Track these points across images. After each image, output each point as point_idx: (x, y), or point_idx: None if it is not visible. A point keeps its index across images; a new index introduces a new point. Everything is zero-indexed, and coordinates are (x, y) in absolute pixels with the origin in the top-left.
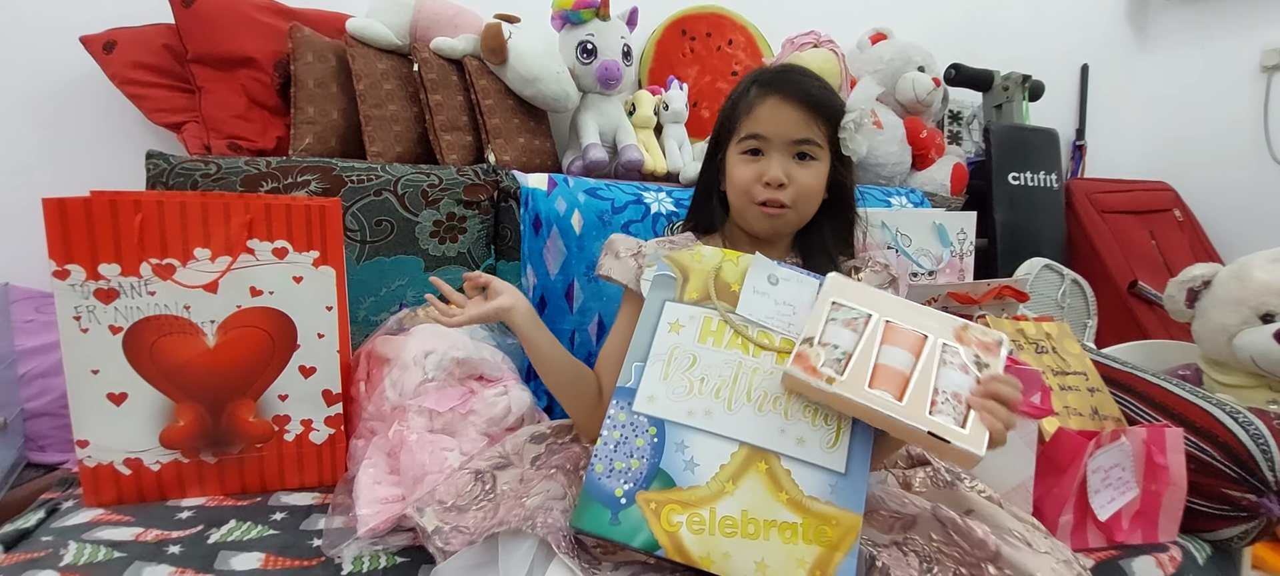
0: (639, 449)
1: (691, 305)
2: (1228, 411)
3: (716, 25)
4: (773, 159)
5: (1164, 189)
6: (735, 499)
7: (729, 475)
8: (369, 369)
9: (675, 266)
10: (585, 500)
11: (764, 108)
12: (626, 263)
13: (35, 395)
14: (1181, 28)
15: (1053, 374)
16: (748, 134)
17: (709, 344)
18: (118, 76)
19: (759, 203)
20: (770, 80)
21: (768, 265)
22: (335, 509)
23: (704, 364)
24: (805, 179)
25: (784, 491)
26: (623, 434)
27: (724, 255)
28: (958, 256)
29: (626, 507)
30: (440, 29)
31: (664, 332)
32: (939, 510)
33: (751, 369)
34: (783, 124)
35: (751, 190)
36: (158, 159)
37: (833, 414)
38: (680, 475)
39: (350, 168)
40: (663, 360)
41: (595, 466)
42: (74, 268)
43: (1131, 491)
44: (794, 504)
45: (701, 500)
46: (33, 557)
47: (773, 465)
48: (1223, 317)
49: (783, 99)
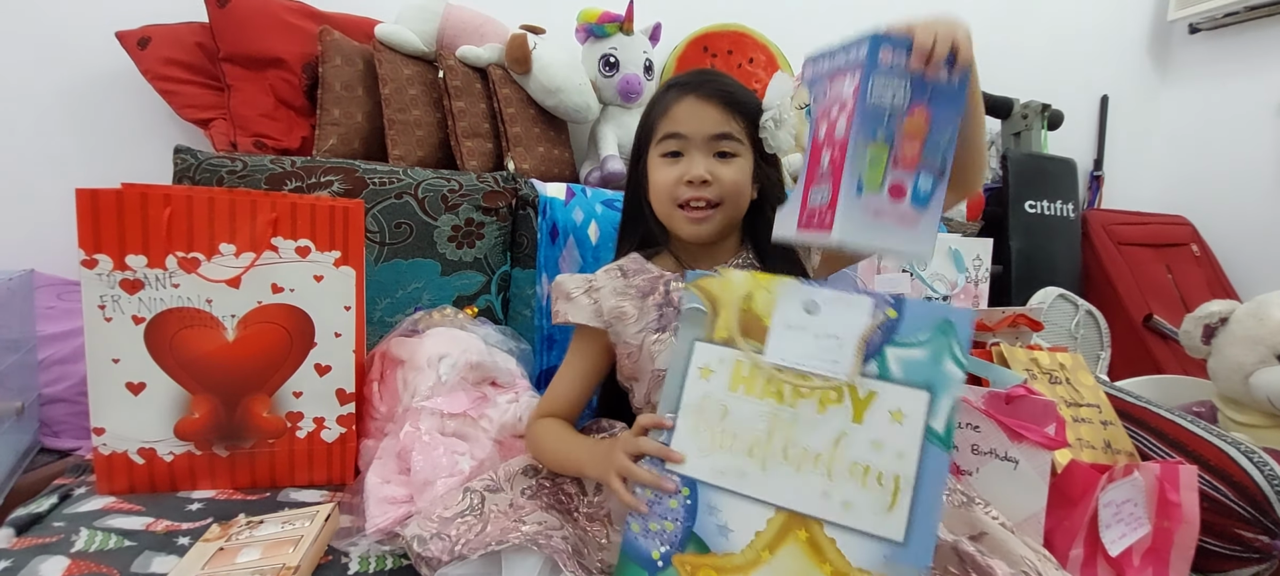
0: (672, 511)
1: (721, 346)
2: (1243, 450)
3: (738, 43)
4: (693, 157)
5: (1182, 223)
6: (772, 569)
7: (765, 543)
8: (382, 370)
9: (705, 297)
10: (623, 561)
11: (680, 107)
12: (580, 302)
13: (53, 381)
14: (1202, 63)
15: (1066, 405)
16: (666, 134)
17: (740, 392)
18: (150, 72)
19: (682, 204)
20: (685, 82)
21: (802, 291)
22: (344, 507)
23: (735, 416)
24: (728, 175)
25: (829, 563)
26: (655, 493)
27: (754, 281)
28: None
29: (663, 569)
30: (466, 37)
31: (694, 379)
32: (960, 544)
33: (789, 420)
34: (700, 121)
35: (674, 192)
36: (185, 154)
37: (888, 474)
38: (713, 540)
39: (372, 170)
40: (694, 411)
41: (631, 526)
42: (102, 257)
43: (1143, 527)
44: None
45: (737, 569)
46: (44, 542)
47: (814, 533)
48: (1239, 356)
49: (698, 97)
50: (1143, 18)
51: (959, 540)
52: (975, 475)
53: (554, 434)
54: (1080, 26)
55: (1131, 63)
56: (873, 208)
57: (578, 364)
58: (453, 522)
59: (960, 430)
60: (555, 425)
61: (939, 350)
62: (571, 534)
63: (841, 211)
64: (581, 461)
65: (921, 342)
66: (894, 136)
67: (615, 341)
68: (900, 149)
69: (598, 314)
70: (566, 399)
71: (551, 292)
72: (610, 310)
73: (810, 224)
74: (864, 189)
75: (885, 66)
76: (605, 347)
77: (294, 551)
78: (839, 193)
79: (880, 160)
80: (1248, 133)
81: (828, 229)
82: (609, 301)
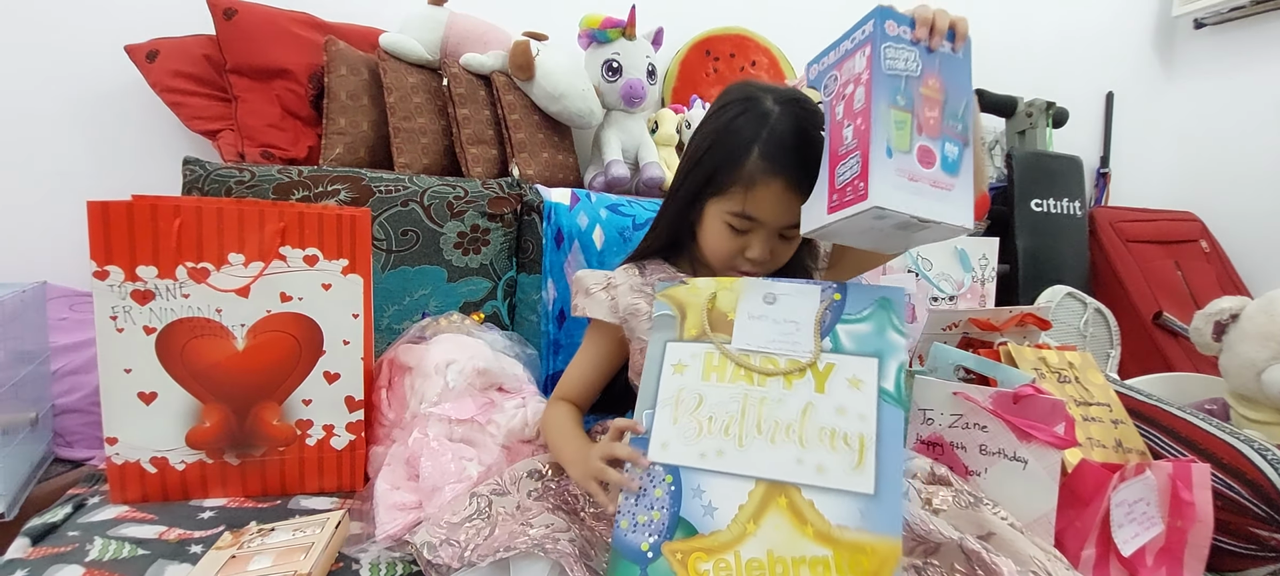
0: (658, 500)
1: (692, 343)
2: (1256, 448)
3: (740, 47)
4: (759, 238)
5: (1190, 219)
6: (758, 539)
7: (749, 515)
8: (390, 376)
9: (672, 304)
10: (615, 558)
11: (766, 193)
12: (598, 297)
13: (66, 392)
14: (1208, 57)
15: (1076, 404)
16: (739, 211)
17: (713, 380)
18: (158, 84)
19: (735, 268)
20: (777, 157)
21: (761, 286)
22: (354, 514)
23: (710, 402)
24: (785, 254)
25: (809, 524)
26: (642, 486)
27: (718, 284)
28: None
29: (654, 561)
30: (470, 45)
31: (669, 375)
32: (966, 542)
33: (758, 399)
34: (780, 213)
35: (731, 261)
36: (194, 165)
37: (853, 435)
38: (700, 521)
39: (378, 178)
40: (671, 404)
41: (620, 522)
42: (113, 269)
43: (1156, 527)
44: (822, 536)
45: (724, 545)
46: (59, 552)
47: (793, 498)
48: (1251, 352)
49: (786, 187)
50: (1147, 13)
51: (965, 537)
52: (984, 475)
53: (557, 426)
54: (1084, 23)
55: (1136, 59)
56: (906, 171)
57: (592, 354)
58: (461, 528)
59: (968, 430)
60: (561, 416)
61: (881, 322)
62: (578, 535)
63: (875, 175)
64: (569, 464)
65: (866, 317)
66: (914, 101)
67: (629, 337)
68: (921, 114)
69: (613, 310)
70: (579, 386)
71: (573, 286)
72: (625, 307)
73: (843, 200)
74: (893, 151)
75: (892, 36)
76: (619, 342)
77: (305, 558)
78: (869, 158)
79: (905, 124)
80: (1255, 127)
81: (864, 197)
82: (625, 299)
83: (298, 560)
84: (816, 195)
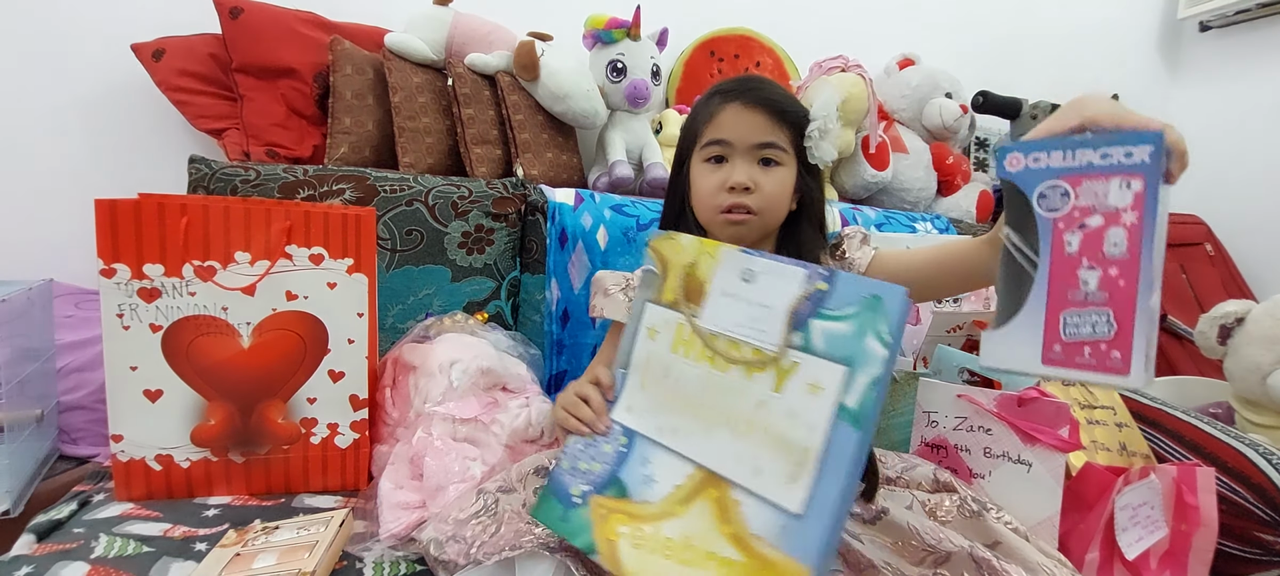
0: (605, 454)
1: (666, 309)
2: (1261, 452)
3: (745, 47)
4: (736, 164)
5: (1195, 222)
6: (681, 522)
7: (681, 497)
8: (395, 375)
9: (658, 259)
10: (545, 493)
11: (726, 114)
12: (617, 298)
13: (71, 389)
14: (1214, 60)
15: (1080, 407)
16: (710, 140)
17: (680, 354)
18: (165, 83)
19: (724, 210)
20: (732, 89)
21: (741, 259)
22: (358, 513)
23: (675, 376)
24: (770, 184)
25: (729, 524)
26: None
27: (702, 247)
28: None
29: (579, 507)
30: (475, 45)
31: (643, 338)
32: (976, 550)
33: (719, 385)
34: (746, 129)
35: (716, 198)
36: (200, 164)
37: (798, 446)
38: (636, 488)
39: (383, 177)
40: (641, 369)
41: (562, 462)
42: (120, 266)
43: (1160, 531)
44: (737, 540)
45: (648, 517)
46: (65, 548)
47: (723, 494)
48: (1256, 356)
49: (744, 105)
50: (1152, 16)
51: (974, 546)
52: (988, 478)
53: None
54: (1089, 25)
55: (1141, 61)
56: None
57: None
58: (468, 525)
59: (972, 432)
60: None
61: (864, 325)
62: None
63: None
64: None
65: (848, 316)
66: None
67: None
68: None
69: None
70: None
71: (592, 287)
72: None
73: (1077, 360)
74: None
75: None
76: None
77: (309, 556)
78: (1134, 328)
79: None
80: (1261, 130)
81: (1122, 371)
82: None
83: (302, 558)
84: (1019, 328)
